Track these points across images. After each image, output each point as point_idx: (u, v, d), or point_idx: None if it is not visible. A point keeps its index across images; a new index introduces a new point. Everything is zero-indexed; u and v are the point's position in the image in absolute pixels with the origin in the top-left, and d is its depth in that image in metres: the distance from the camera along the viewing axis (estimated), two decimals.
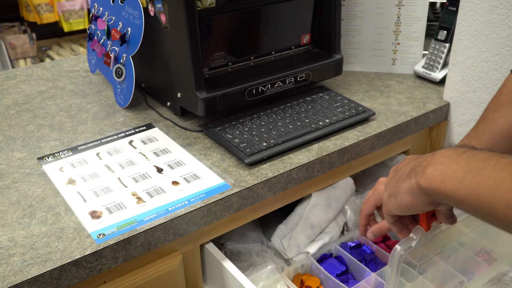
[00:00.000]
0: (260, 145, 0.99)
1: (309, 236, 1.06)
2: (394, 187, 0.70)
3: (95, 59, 1.28)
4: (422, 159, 0.66)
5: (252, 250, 1.06)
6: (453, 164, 0.60)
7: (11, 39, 2.96)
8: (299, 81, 1.16)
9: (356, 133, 1.08)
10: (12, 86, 1.32)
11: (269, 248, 1.08)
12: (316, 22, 1.22)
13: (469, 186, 0.57)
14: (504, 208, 0.53)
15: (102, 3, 1.23)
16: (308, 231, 1.05)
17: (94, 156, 1.00)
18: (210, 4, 1.01)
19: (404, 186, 0.67)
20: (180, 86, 1.07)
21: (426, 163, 0.64)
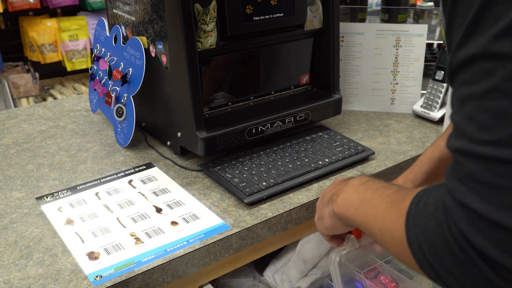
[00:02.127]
0: (260, 184, 0.99)
1: (302, 271, 1.04)
2: (320, 211, 0.81)
3: (96, 99, 1.29)
4: (339, 187, 0.75)
5: (244, 285, 1.04)
6: (355, 194, 0.69)
7: (14, 78, 3.00)
8: (299, 121, 1.17)
9: (355, 172, 1.08)
10: (13, 125, 1.33)
11: (261, 283, 1.07)
12: (315, 62, 1.24)
13: (362, 213, 0.65)
14: (378, 233, 0.60)
15: (105, 44, 1.25)
16: (301, 266, 1.04)
17: (93, 196, 1.00)
18: (210, 45, 1.02)
19: (326, 211, 0.77)
20: (180, 125, 1.08)
21: (339, 191, 0.73)
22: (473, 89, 0.46)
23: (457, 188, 0.47)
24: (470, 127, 0.46)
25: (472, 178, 0.46)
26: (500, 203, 0.44)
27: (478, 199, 0.45)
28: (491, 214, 0.44)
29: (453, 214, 0.47)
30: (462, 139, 0.47)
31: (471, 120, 0.46)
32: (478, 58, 0.45)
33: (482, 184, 0.45)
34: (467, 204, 0.46)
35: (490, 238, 0.44)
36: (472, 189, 0.46)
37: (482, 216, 0.44)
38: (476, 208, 0.45)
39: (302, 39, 1.19)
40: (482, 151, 0.45)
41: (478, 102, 0.45)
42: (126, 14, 1.17)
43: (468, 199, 0.46)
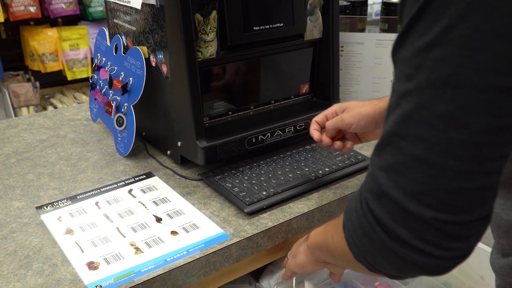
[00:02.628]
0: (260, 194, 0.99)
1: (297, 277, 1.04)
2: (296, 249, 0.90)
3: (96, 108, 1.30)
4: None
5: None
6: (323, 225, 0.80)
7: (15, 88, 3.00)
8: (299, 130, 1.17)
9: (356, 181, 1.08)
10: (14, 134, 1.33)
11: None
12: (315, 72, 1.24)
13: (323, 233, 0.77)
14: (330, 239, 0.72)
15: (105, 53, 1.26)
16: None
17: (93, 205, 0.99)
18: (211, 55, 1.03)
19: (301, 248, 0.87)
20: (180, 135, 1.08)
21: (313, 229, 0.83)
22: (399, 85, 0.51)
23: (374, 162, 0.54)
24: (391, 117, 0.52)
25: (385, 157, 0.52)
26: (398, 182, 0.50)
27: (385, 175, 0.51)
28: (390, 189, 0.50)
29: (365, 187, 0.54)
30: (385, 124, 0.53)
31: (392, 111, 0.52)
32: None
33: (389, 164, 0.51)
34: (376, 177, 0.52)
35: (387, 210, 0.51)
36: (382, 166, 0.52)
37: (384, 190, 0.51)
38: (381, 182, 0.51)
39: (302, 49, 1.20)
40: (392, 138, 0.51)
41: (399, 99, 0.50)
42: (126, 24, 1.17)
43: (379, 173, 0.52)
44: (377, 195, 0.52)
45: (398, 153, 0.50)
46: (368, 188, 0.53)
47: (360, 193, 0.55)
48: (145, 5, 1.05)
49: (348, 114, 0.93)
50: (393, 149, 0.50)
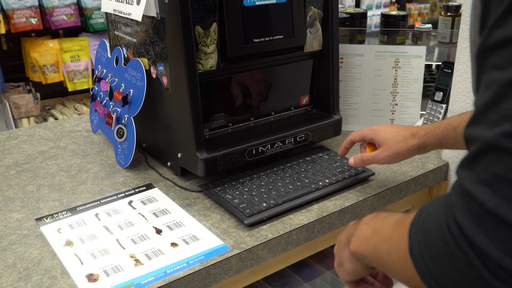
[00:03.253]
0: (260, 205, 0.98)
1: None
2: (339, 257, 0.77)
3: (97, 120, 1.30)
4: (353, 227, 0.73)
5: None
6: (367, 228, 0.68)
7: (15, 99, 3.01)
8: (299, 141, 1.17)
9: (356, 193, 1.08)
10: (14, 146, 1.33)
11: None
12: (315, 83, 1.25)
13: (373, 244, 0.64)
14: (387, 257, 0.58)
15: (106, 65, 1.26)
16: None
17: (93, 217, 0.99)
18: (211, 67, 1.03)
19: (344, 254, 0.74)
20: (180, 146, 1.08)
21: (354, 231, 0.71)
22: (503, 74, 0.41)
23: (468, 177, 0.43)
24: (492, 115, 0.41)
25: (486, 168, 0.42)
26: (511, 199, 0.40)
27: (488, 190, 0.41)
28: (499, 208, 0.40)
29: (455, 208, 0.44)
30: (481, 127, 0.43)
31: (494, 108, 0.41)
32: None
33: (496, 176, 0.41)
34: (475, 195, 0.42)
35: (492, 236, 0.41)
36: (483, 180, 0.42)
37: (489, 210, 0.41)
38: (484, 200, 0.41)
39: (302, 61, 1.20)
40: (499, 142, 0.41)
41: (506, 89, 0.41)
42: (127, 36, 1.18)
43: (478, 189, 0.42)
44: (478, 217, 0.41)
45: (509, 159, 0.40)
46: (461, 209, 0.43)
47: (446, 214, 0.45)
48: (146, 17, 1.06)
49: (383, 153, 0.98)
50: (503, 155, 0.40)
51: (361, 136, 1.05)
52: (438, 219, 0.46)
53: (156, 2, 1.01)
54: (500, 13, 0.42)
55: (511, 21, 0.41)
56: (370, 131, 1.02)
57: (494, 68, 0.42)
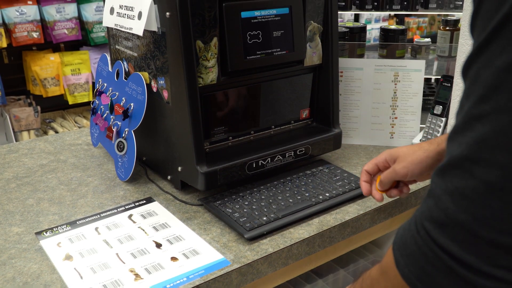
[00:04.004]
0: (260, 219, 0.98)
1: None
2: None
3: (97, 133, 1.30)
4: None
5: None
6: None
7: (16, 112, 3.02)
8: (299, 155, 1.17)
9: (356, 207, 1.08)
10: (14, 159, 1.33)
11: None
12: (315, 97, 1.25)
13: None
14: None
15: (107, 79, 1.27)
16: None
17: (92, 231, 0.99)
18: (211, 81, 1.04)
19: None
20: (181, 160, 1.08)
21: None
22: (468, 105, 0.47)
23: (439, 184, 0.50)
24: (460, 138, 0.48)
25: (451, 180, 0.48)
26: (467, 208, 0.47)
27: (451, 199, 0.48)
28: (457, 214, 0.47)
29: (422, 215, 0.51)
30: (453, 143, 0.49)
31: (462, 132, 0.48)
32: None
33: (457, 188, 0.48)
34: (440, 201, 0.49)
35: (452, 238, 0.48)
36: (449, 189, 0.48)
37: (449, 215, 0.48)
38: (447, 207, 0.48)
39: (302, 75, 1.21)
40: (463, 162, 0.47)
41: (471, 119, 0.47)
42: (128, 50, 1.19)
43: (443, 197, 0.49)
44: (440, 223, 0.49)
45: (469, 177, 0.46)
46: (427, 217, 0.51)
47: (415, 223, 0.52)
48: (147, 31, 1.07)
49: (400, 165, 0.93)
50: (463, 173, 0.47)
51: (373, 163, 1.00)
52: (410, 229, 0.53)
53: (157, 17, 1.02)
54: (476, 47, 0.47)
55: (480, 60, 0.46)
56: (385, 155, 0.98)
57: (465, 95, 0.49)
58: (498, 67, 0.44)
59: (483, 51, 0.46)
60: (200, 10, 0.97)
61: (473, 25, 0.49)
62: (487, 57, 0.46)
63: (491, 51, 0.45)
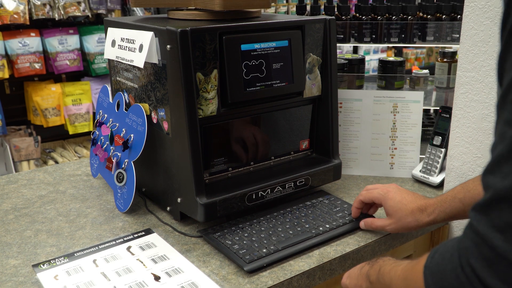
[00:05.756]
0: (260, 251, 0.97)
1: None
2: None
3: (97, 164, 1.30)
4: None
5: None
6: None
7: (16, 142, 3.02)
8: (299, 186, 1.17)
9: (357, 238, 1.07)
10: (13, 190, 1.33)
11: None
12: (315, 128, 1.26)
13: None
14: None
15: (107, 110, 1.28)
16: None
17: (90, 263, 0.98)
18: (211, 112, 1.04)
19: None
20: (180, 191, 1.08)
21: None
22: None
23: (483, 221, 0.47)
24: (505, 168, 0.45)
25: (499, 215, 0.45)
26: None
27: (501, 237, 0.44)
28: (510, 253, 0.44)
29: (468, 251, 0.48)
30: (495, 176, 0.46)
31: (507, 161, 0.45)
32: None
33: (508, 224, 0.44)
34: (488, 239, 0.45)
35: (502, 279, 0.44)
36: (497, 226, 0.45)
37: (500, 254, 0.44)
38: (497, 245, 0.45)
39: (301, 106, 1.22)
40: (511, 193, 0.44)
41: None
42: (129, 82, 1.20)
43: (491, 234, 0.45)
44: (490, 261, 0.46)
45: None
46: (474, 254, 0.47)
47: (460, 257, 0.49)
48: (148, 63, 1.08)
49: (392, 226, 1.02)
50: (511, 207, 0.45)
51: (370, 199, 1.07)
52: (452, 261, 0.50)
53: (158, 49, 1.03)
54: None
55: None
56: (380, 196, 1.04)
57: (506, 122, 0.46)
58: None
59: None
60: (200, 43, 0.99)
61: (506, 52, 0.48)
62: None
63: None
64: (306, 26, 1.14)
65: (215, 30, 1.00)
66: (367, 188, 1.10)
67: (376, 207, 1.12)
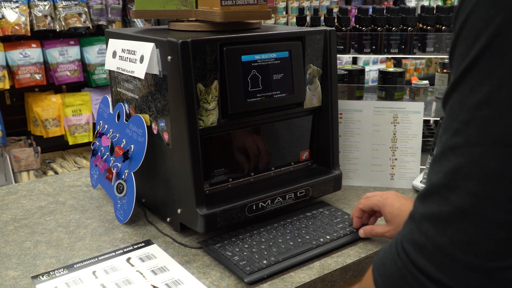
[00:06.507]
0: (261, 263, 0.97)
1: None
2: None
3: (97, 174, 1.30)
4: None
5: None
6: None
7: (16, 152, 3.02)
8: (299, 197, 1.17)
9: (358, 249, 1.06)
10: (13, 201, 1.32)
11: None
12: (315, 138, 1.26)
13: None
14: None
15: (108, 120, 1.28)
16: None
17: (90, 275, 0.97)
18: (212, 123, 1.04)
19: None
20: (180, 202, 1.08)
21: None
22: (446, 137, 0.52)
23: (419, 209, 0.54)
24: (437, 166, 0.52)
25: (430, 206, 0.52)
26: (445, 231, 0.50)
27: (430, 224, 0.51)
28: (436, 237, 0.51)
29: (403, 238, 0.54)
30: (433, 171, 0.53)
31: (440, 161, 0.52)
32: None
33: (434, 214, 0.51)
34: (420, 225, 0.52)
35: (430, 259, 0.51)
36: (428, 214, 0.52)
37: (429, 238, 0.51)
38: (426, 230, 0.51)
39: (301, 117, 1.22)
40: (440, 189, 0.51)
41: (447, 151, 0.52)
42: (129, 92, 1.20)
43: (423, 221, 0.52)
44: (419, 245, 0.52)
45: (445, 203, 0.51)
46: (408, 239, 0.54)
47: (396, 245, 0.55)
48: (148, 74, 1.08)
49: (391, 232, 1.03)
50: (440, 200, 0.51)
51: (369, 207, 1.08)
52: (391, 251, 0.56)
53: (159, 60, 1.04)
54: (451, 84, 0.52)
55: (454, 96, 0.51)
56: (379, 203, 1.06)
57: (442, 128, 0.53)
58: (469, 104, 0.49)
59: (456, 89, 0.51)
60: (201, 54, 0.99)
61: (450, 63, 0.54)
62: (459, 95, 0.51)
63: (462, 89, 0.50)
64: (306, 37, 1.15)
65: (215, 42, 1.01)
66: (366, 196, 1.10)
67: (375, 218, 1.11)
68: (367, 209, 1.09)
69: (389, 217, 1.03)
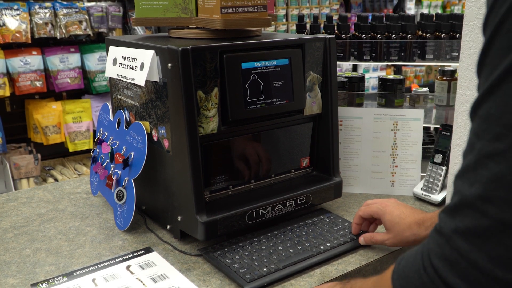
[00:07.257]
0: (261, 270, 0.96)
1: None
2: None
3: (97, 181, 1.30)
4: None
5: None
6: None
7: (16, 160, 3.02)
8: (299, 204, 1.16)
9: (358, 257, 1.06)
10: (13, 208, 1.32)
11: None
12: (315, 146, 1.26)
13: None
14: None
15: (108, 128, 1.28)
16: None
17: (89, 283, 0.97)
18: (212, 130, 1.04)
19: None
20: (180, 209, 1.07)
21: None
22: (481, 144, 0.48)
23: (449, 223, 0.50)
24: (472, 177, 0.48)
25: (462, 220, 0.48)
26: (481, 247, 0.46)
27: (463, 239, 0.48)
28: (470, 254, 0.47)
29: (431, 253, 0.51)
30: (463, 182, 0.49)
31: (474, 171, 0.48)
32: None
33: (469, 228, 0.47)
34: (451, 240, 0.49)
35: (463, 278, 0.47)
36: (460, 229, 0.48)
37: (462, 255, 0.47)
38: (459, 246, 0.48)
39: (301, 124, 1.22)
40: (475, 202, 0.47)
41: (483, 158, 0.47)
42: (129, 100, 1.20)
43: (454, 236, 0.48)
44: (451, 261, 0.48)
45: (482, 216, 0.46)
46: (436, 254, 0.50)
47: (422, 258, 0.52)
48: (149, 81, 1.08)
49: (390, 240, 1.02)
50: (476, 213, 0.47)
51: (369, 214, 1.08)
52: (416, 263, 0.53)
53: (159, 68, 1.04)
54: (488, 86, 0.47)
55: (493, 98, 0.46)
56: (379, 211, 1.05)
57: (475, 134, 0.49)
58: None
59: (495, 91, 0.46)
60: (201, 61, 0.99)
61: (482, 63, 0.50)
62: (500, 96, 0.46)
63: (504, 89, 0.45)
64: (306, 45, 1.15)
65: (216, 49, 1.01)
66: (366, 203, 1.10)
67: (375, 225, 1.11)
68: (367, 216, 1.08)
69: (389, 225, 1.02)
